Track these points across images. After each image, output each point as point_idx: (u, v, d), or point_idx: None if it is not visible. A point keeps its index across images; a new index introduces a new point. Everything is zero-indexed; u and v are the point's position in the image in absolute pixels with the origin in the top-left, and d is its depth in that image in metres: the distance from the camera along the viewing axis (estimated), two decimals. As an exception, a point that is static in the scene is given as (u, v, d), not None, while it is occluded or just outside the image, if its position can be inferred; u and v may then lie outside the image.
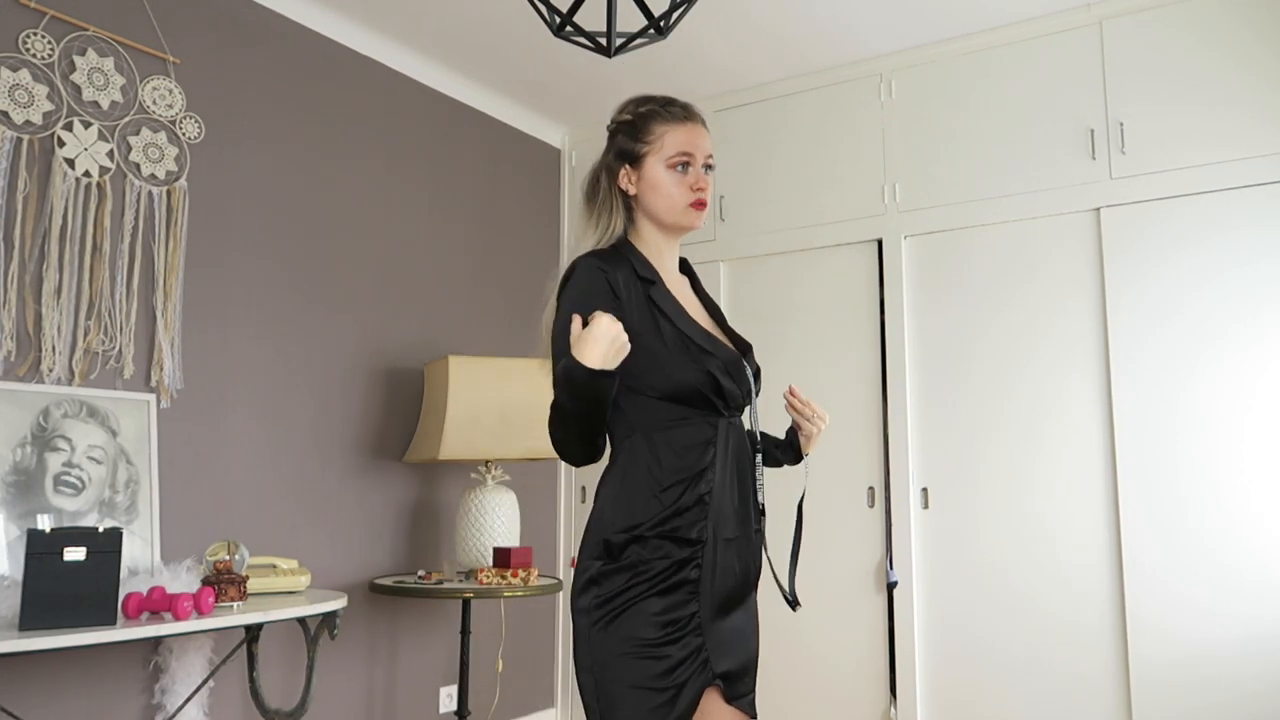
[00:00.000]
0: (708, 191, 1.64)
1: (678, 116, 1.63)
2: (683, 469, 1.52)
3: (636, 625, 1.45)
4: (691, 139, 1.62)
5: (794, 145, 3.55)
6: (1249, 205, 2.76)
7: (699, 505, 1.52)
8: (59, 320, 2.37)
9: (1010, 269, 3.11)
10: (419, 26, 3.21)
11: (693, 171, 1.62)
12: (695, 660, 1.47)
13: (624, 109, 1.68)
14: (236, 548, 2.37)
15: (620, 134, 1.66)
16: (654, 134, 1.62)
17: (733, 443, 1.59)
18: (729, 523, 1.55)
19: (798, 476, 1.93)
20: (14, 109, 2.33)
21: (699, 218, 1.64)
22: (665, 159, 1.61)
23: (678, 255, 1.72)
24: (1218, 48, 2.84)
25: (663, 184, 1.61)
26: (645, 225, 1.66)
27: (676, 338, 1.55)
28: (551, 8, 1.85)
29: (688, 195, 1.61)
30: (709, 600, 1.51)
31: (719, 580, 1.53)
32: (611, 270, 1.55)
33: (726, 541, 1.54)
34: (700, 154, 1.63)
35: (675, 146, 1.61)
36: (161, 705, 2.47)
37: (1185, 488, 2.77)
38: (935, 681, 3.08)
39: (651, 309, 1.56)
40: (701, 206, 1.63)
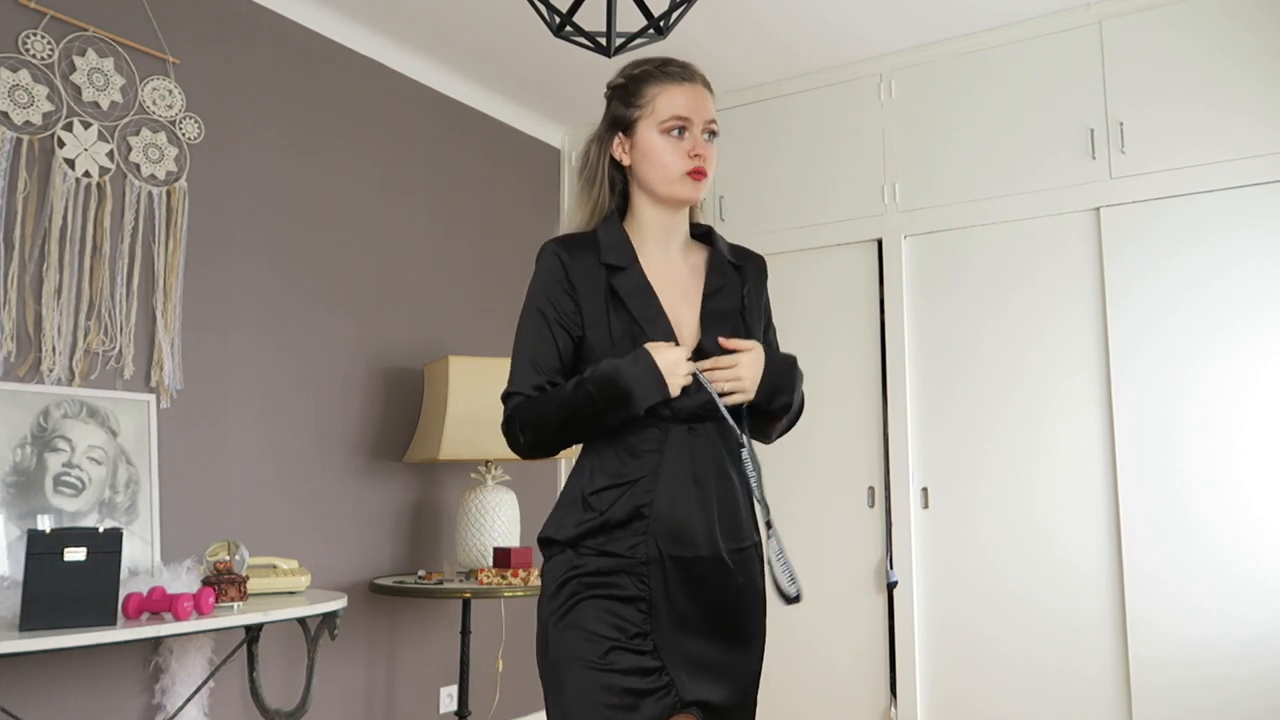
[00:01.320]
0: (708, 160, 1.47)
1: (674, 77, 1.47)
2: (620, 475, 1.40)
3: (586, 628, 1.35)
4: (690, 101, 1.46)
5: (794, 145, 3.55)
6: (1249, 205, 2.76)
7: (635, 519, 1.38)
8: (59, 320, 2.37)
9: (1010, 269, 3.11)
10: (419, 26, 3.21)
11: (690, 137, 1.45)
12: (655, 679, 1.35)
13: (619, 73, 1.53)
14: (236, 548, 2.37)
15: (614, 100, 1.52)
16: (646, 96, 1.47)
17: (695, 452, 1.42)
18: (687, 541, 1.38)
19: (797, 477, 1.92)
20: (14, 109, 2.33)
21: (697, 189, 1.47)
22: (659, 123, 1.45)
23: (682, 231, 1.55)
24: (1217, 48, 2.84)
25: (656, 151, 1.46)
26: (640, 199, 1.51)
27: (627, 332, 1.42)
28: (551, 8, 1.85)
29: (684, 163, 1.45)
30: (666, 621, 1.38)
31: (678, 603, 1.38)
32: (571, 255, 1.45)
33: (683, 562, 1.38)
34: (699, 118, 1.46)
35: (670, 109, 1.45)
36: (161, 705, 2.47)
37: (1185, 487, 2.77)
38: (935, 681, 3.08)
39: (609, 298, 1.44)
40: (700, 176, 1.46)
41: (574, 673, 1.34)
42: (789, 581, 1.40)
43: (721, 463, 1.45)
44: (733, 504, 1.45)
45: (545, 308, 1.45)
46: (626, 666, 1.34)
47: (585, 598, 1.37)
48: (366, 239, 3.22)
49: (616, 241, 1.49)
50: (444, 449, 2.95)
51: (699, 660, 1.40)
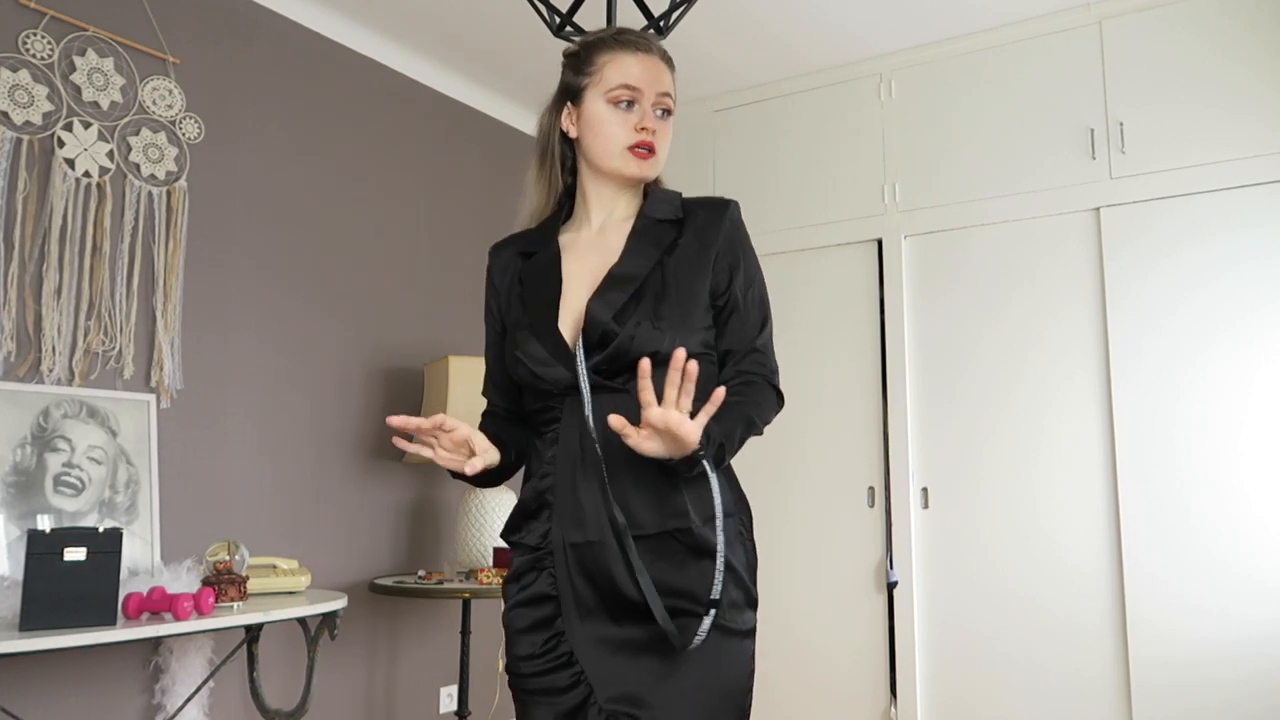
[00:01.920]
0: (659, 136, 1.35)
1: (627, 45, 1.36)
2: (534, 460, 1.33)
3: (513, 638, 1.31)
4: (642, 71, 1.34)
5: (794, 145, 3.55)
6: (1249, 205, 2.76)
7: (542, 505, 1.30)
8: (59, 320, 2.37)
9: (1010, 269, 3.11)
10: (419, 26, 3.21)
11: (638, 110, 1.34)
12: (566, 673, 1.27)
13: (575, 41, 1.45)
14: (236, 548, 2.37)
15: (566, 68, 1.42)
16: (596, 64, 1.36)
17: (583, 425, 1.27)
18: (579, 525, 1.26)
19: (797, 477, 1.90)
20: (14, 109, 2.33)
21: (643, 166, 1.35)
22: (606, 91, 1.34)
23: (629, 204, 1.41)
24: (1217, 47, 2.84)
25: (600, 121, 1.34)
26: (586, 175, 1.40)
27: (520, 321, 1.35)
28: (551, 8, 1.85)
29: (628, 136, 1.33)
30: (572, 613, 1.27)
31: (579, 593, 1.27)
32: (497, 254, 1.44)
33: (575, 548, 1.26)
34: (651, 90, 1.34)
35: (619, 77, 1.34)
36: (161, 705, 2.47)
37: (1185, 487, 2.77)
38: (935, 681, 3.08)
39: (517, 289, 1.39)
40: (646, 152, 1.34)
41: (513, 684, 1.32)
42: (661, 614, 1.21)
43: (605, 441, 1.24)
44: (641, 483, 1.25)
45: (487, 313, 1.47)
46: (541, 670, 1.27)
47: (513, 606, 1.32)
48: (366, 239, 3.22)
49: (541, 228, 1.42)
50: (444, 449, 2.94)
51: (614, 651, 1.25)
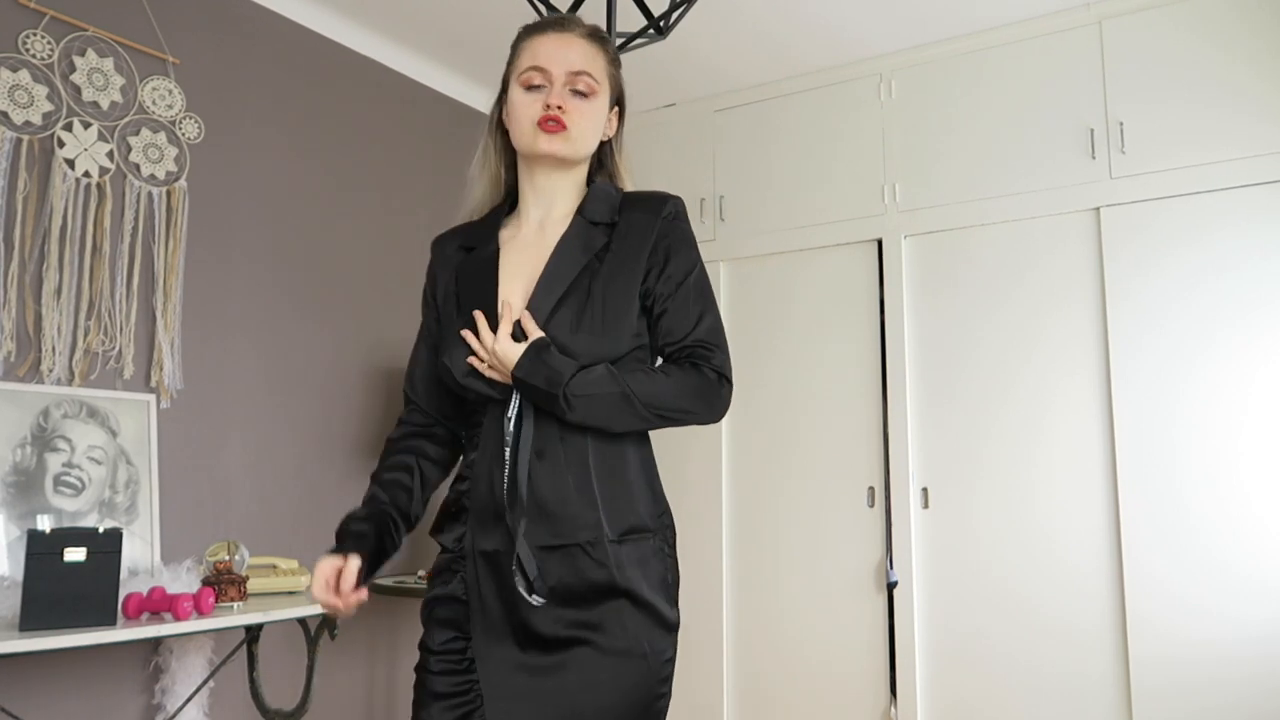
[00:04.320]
0: (571, 113, 1.29)
1: (543, 27, 1.36)
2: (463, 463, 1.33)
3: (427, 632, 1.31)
4: (552, 49, 1.31)
5: (794, 145, 3.55)
6: (1249, 204, 2.76)
7: (462, 510, 1.29)
8: (59, 320, 2.37)
9: (1010, 268, 3.11)
10: (419, 27, 3.21)
11: (547, 90, 1.30)
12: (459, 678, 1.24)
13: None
14: (236, 548, 2.37)
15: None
16: (515, 51, 1.37)
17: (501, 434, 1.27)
18: (490, 532, 1.24)
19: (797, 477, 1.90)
20: (14, 109, 2.33)
21: (553, 141, 1.29)
22: (518, 75, 1.33)
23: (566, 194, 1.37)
24: (1218, 47, 2.84)
25: (514, 105, 1.33)
26: (520, 166, 1.39)
27: (454, 318, 1.33)
28: (551, 8, 1.85)
29: (536, 112, 1.29)
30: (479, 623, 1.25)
31: (487, 601, 1.25)
32: (440, 248, 1.42)
33: (485, 556, 1.25)
34: (558, 67, 1.30)
35: (527, 60, 1.33)
36: (162, 706, 2.47)
37: (1185, 487, 2.77)
38: (935, 681, 3.08)
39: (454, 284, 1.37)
40: (553, 126, 1.28)
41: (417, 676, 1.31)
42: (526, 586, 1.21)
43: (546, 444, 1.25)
44: (556, 493, 1.24)
45: (423, 306, 1.44)
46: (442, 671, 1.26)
47: (431, 596, 1.32)
48: (367, 239, 3.22)
49: (482, 224, 1.40)
50: (444, 449, 2.95)
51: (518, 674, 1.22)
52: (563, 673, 1.21)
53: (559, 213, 1.37)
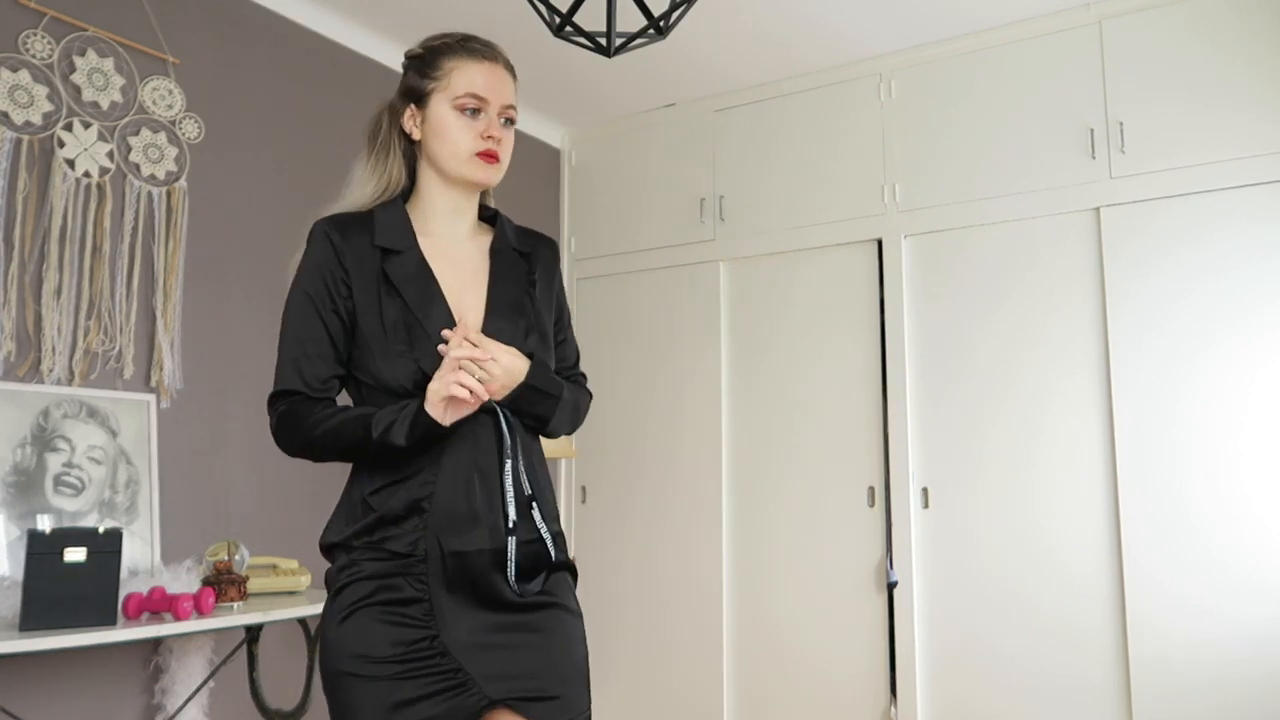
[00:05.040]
0: (503, 145, 1.41)
1: (474, 53, 1.43)
2: (397, 471, 1.32)
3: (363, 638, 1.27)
4: (487, 80, 1.40)
5: (794, 145, 3.55)
6: (1249, 204, 2.76)
7: (414, 514, 1.30)
8: (59, 320, 2.37)
9: (1010, 268, 3.11)
10: (419, 27, 3.19)
11: (484, 118, 1.40)
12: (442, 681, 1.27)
13: (419, 44, 1.49)
14: (236, 548, 2.37)
15: (409, 70, 1.47)
16: (443, 69, 1.41)
17: (480, 441, 1.33)
18: (466, 535, 1.29)
19: (797, 477, 1.91)
20: (14, 109, 2.33)
21: (489, 171, 1.40)
22: (452, 98, 1.39)
23: (471, 214, 1.47)
24: (1217, 47, 2.84)
25: (447, 127, 1.39)
26: (428, 177, 1.44)
27: (401, 321, 1.34)
28: (551, 8, 1.85)
29: (475, 143, 1.38)
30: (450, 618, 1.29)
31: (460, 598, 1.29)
32: (343, 236, 1.38)
33: (462, 556, 1.29)
34: (496, 100, 1.41)
35: (465, 85, 1.39)
36: (162, 706, 2.47)
37: (1185, 487, 2.77)
38: (936, 681, 3.08)
39: (381, 284, 1.35)
40: (491, 159, 1.39)
41: (352, 685, 1.27)
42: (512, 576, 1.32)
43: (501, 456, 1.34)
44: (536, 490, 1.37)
45: (316, 291, 1.38)
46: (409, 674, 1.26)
47: (363, 604, 1.29)
48: (330, 234, 3.22)
49: (394, 222, 1.41)
50: (444, 449, 2.95)
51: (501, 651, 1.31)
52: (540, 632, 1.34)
53: (464, 229, 1.47)
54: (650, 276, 3.80)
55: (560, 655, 1.35)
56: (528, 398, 1.36)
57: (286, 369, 1.41)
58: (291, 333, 1.41)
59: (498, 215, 1.52)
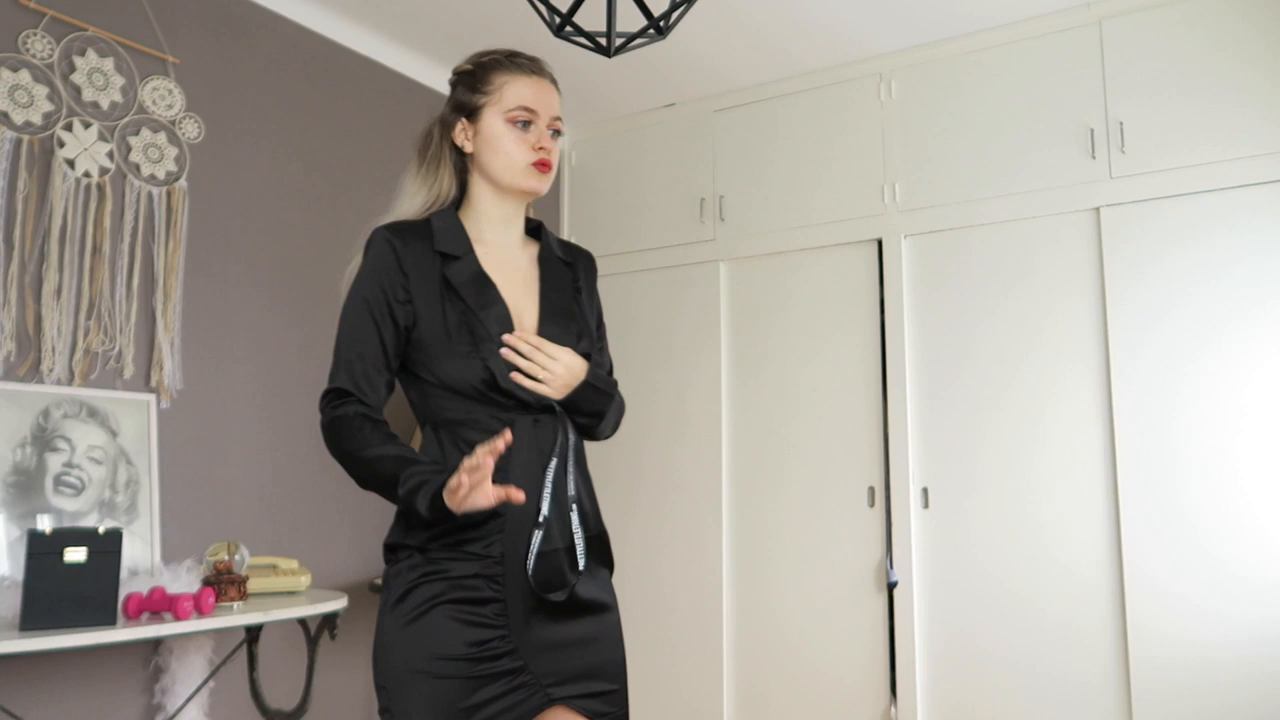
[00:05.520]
0: (553, 154, 1.48)
1: (523, 68, 1.49)
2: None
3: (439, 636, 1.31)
4: (536, 94, 1.47)
5: (794, 145, 3.55)
6: (1249, 204, 2.76)
7: (493, 516, 1.34)
8: (59, 320, 2.37)
9: (1010, 268, 3.11)
10: (419, 26, 3.21)
11: (535, 130, 1.47)
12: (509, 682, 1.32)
13: (466, 60, 1.53)
14: (236, 548, 2.37)
15: (459, 85, 1.52)
16: (494, 84, 1.47)
17: (541, 444, 1.40)
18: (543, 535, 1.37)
19: (797, 477, 1.91)
20: (14, 109, 2.33)
21: (543, 181, 1.48)
22: (504, 112, 1.46)
23: (519, 224, 1.55)
24: (1218, 46, 2.84)
25: (501, 139, 1.46)
26: (480, 187, 1.51)
27: (463, 323, 1.39)
28: (551, 8, 1.85)
29: (528, 154, 1.46)
30: (520, 618, 1.35)
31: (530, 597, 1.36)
32: (404, 243, 1.42)
33: (541, 555, 1.36)
34: (545, 112, 1.48)
35: (516, 99, 1.46)
36: (162, 705, 2.47)
37: (1185, 487, 2.77)
38: (936, 682, 3.08)
39: (444, 288, 1.41)
40: (545, 168, 1.47)
41: (423, 684, 1.30)
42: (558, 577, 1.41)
43: (564, 454, 1.43)
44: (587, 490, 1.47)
45: (374, 297, 1.42)
46: (480, 674, 1.31)
47: (438, 603, 1.32)
48: (366, 238, 3.22)
49: (451, 230, 1.46)
50: (444, 449, 2.95)
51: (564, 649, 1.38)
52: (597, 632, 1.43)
53: (514, 238, 1.54)
54: (650, 276, 3.80)
55: (612, 654, 1.44)
56: (585, 396, 1.44)
57: (340, 370, 1.44)
58: (347, 335, 1.45)
59: (541, 226, 1.59)
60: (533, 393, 1.39)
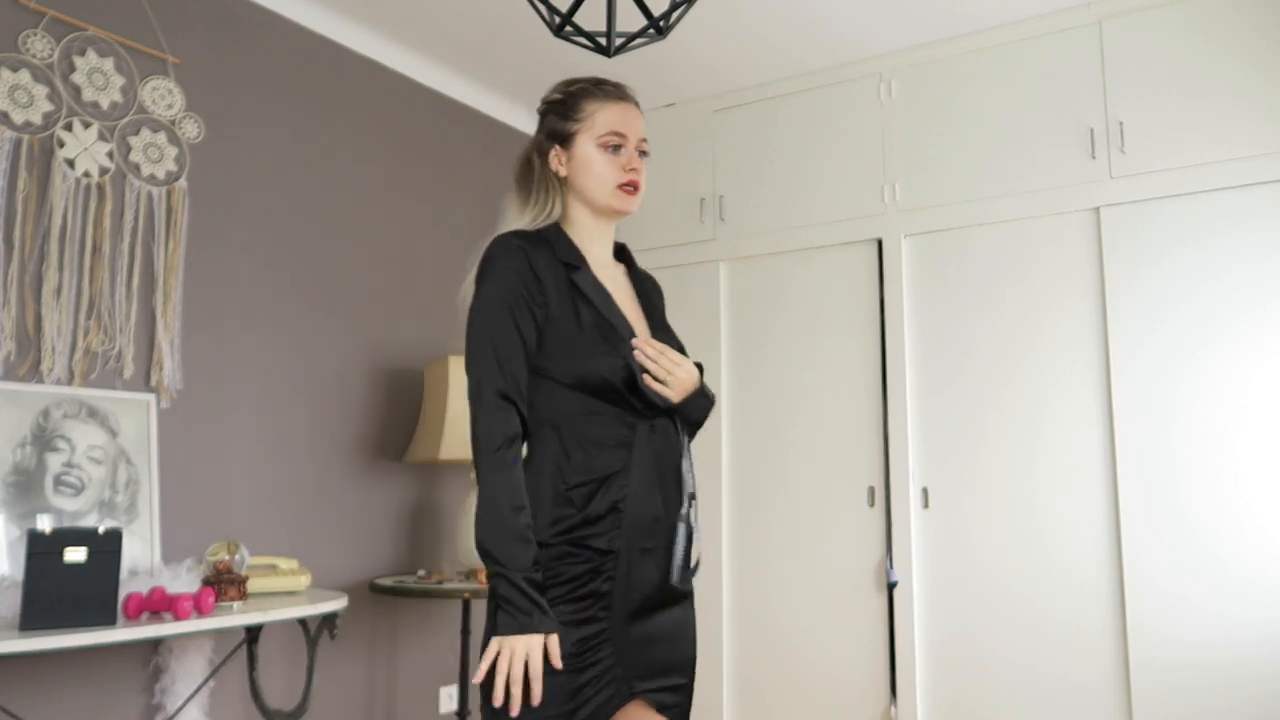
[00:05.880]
0: (641, 174, 1.58)
1: (610, 95, 1.59)
2: (590, 470, 1.44)
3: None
4: (624, 118, 1.57)
5: (794, 145, 3.55)
6: (1249, 204, 2.76)
7: (612, 513, 1.43)
8: (59, 320, 2.37)
9: (1010, 268, 3.11)
10: (419, 26, 3.21)
11: (625, 152, 1.56)
12: (604, 680, 1.40)
13: (554, 89, 1.62)
14: (236, 548, 2.37)
15: (550, 114, 1.61)
16: (585, 111, 1.57)
17: (656, 447, 1.49)
18: (648, 533, 1.46)
19: (798, 477, 1.92)
20: (14, 109, 2.33)
21: (631, 201, 1.58)
22: (596, 137, 1.55)
23: (610, 241, 1.65)
24: (1217, 46, 2.84)
25: (593, 163, 1.55)
26: (576, 209, 1.60)
27: (596, 324, 1.48)
28: (551, 8, 1.85)
29: (619, 175, 1.55)
30: (621, 613, 1.43)
31: (634, 592, 1.45)
32: (532, 249, 1.49)
33: (644, 552, 1.46)
34: (633, 135, 1.57)
35: (607, 124, 1.55)
36: (162, 705, 2.47)
37: (1185, 487, 2.77)
38: (936, 682, 3.08)
39: (573, 293, 1.49)
40: (634, 189, 1.57)
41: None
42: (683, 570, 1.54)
43: (676, 458, 1.52)
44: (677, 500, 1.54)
45: (514, 299, 1.45)
46: (584, 662, 1.39)
47: (556, 600, 1.39)
48: (367, 239, 3.22)
49: (567, 241, 1.55)
50: (444, 449, 2.95)
51: (649, 645, 1.46)
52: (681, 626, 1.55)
53: (608, 254, 1.65)
54: (650, 276, 3.80)
55: (689, 648, 1.57)
56: (697, 402, 1.54)
57: (492, 368, 1.44)
58: (492, 336, 1.45)
59: (624, 247, 1.71)
60: (658, 394, 1.48)
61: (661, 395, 1.48)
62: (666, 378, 1.48)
